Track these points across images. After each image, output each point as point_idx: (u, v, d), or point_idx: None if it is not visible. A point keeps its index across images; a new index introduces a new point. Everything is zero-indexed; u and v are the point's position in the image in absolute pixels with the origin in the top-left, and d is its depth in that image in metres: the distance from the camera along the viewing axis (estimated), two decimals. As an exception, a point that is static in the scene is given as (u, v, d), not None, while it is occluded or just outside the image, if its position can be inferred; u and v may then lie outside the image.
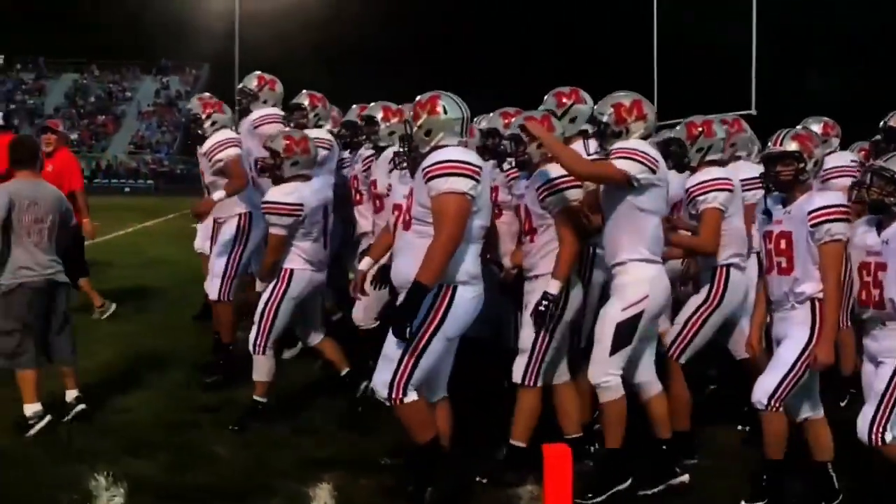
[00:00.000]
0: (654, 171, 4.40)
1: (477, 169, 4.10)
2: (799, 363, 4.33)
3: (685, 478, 4.69)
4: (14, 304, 5.38)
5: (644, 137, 4.59)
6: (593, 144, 5.13)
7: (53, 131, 8.90)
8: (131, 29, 63.30)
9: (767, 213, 4.56)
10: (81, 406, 5.68)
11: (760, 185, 5.31)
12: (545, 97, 5.35)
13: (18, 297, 5.38)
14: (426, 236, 4.10)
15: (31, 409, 5.44)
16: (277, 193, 5.60)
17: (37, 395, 5.46)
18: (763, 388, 4.38)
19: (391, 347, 4.18)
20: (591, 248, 4.95)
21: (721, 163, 5.17)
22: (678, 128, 5.23)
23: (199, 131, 6.69)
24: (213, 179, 6.63)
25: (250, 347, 5.72)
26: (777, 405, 4.36)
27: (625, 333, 4.46)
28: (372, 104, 6.37)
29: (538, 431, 4.77)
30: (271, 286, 5.68)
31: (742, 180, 5.22)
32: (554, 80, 5.66)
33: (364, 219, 6.45)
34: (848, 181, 6.08)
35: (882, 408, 4.18)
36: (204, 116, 6.69)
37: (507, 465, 4.85)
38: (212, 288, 6.67)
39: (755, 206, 5.33)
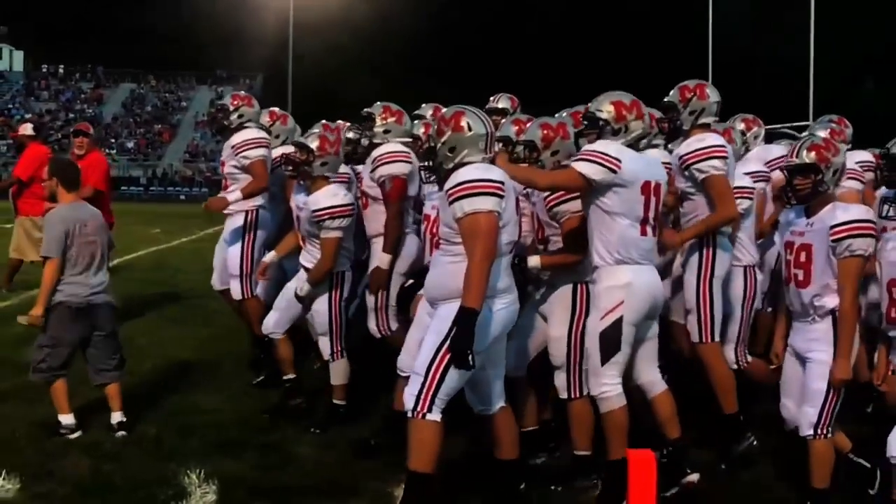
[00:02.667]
0: (613, 171, 4.33)
1: (500, 185, 4.05)
2: (833, 387, 4.29)
3: (695, 477, 4.65)
4: (51, 321, 5.38)
5: (641, 137, 4.56)
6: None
7: (85, 134, 9.08)
8: (187, 40, 64.63)
9: (788, 224, 4.55)
10: (123, 433, 5.54)
11: (748, 195, 5.33)
12: (563, 115, 5.35)
13: (58, 314, 5.39)
14: (453, 254, 4.12)
15: (65, 419, 5.45)
16: (330, 198, 5.61)
17: (68, 406, 5.46)
18: (808, 421, 4.34)
19: (420, 362, 4.15)
20: None
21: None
22: (672, 92, 5.20)
23: (225, 122, 6.75)
24: (232, 171, 6.68)
25: (328, 357, 5.83)
26: (824, 432, 4.31)
27: (610, 341, 4.42)
28: (376, 104, 6.32)
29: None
30: (327, 295, 5.75)
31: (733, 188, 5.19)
32: (607, 88, 5.69)
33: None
34: (854, 184, 5.96)
35: None
36: (231, 108, 6.75)
37: (577, 473, 4.88)
38: (234, 289, 6.72)
39: (741, 214, 5.31)
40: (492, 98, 6.97)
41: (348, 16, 53.25)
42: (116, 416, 5.59)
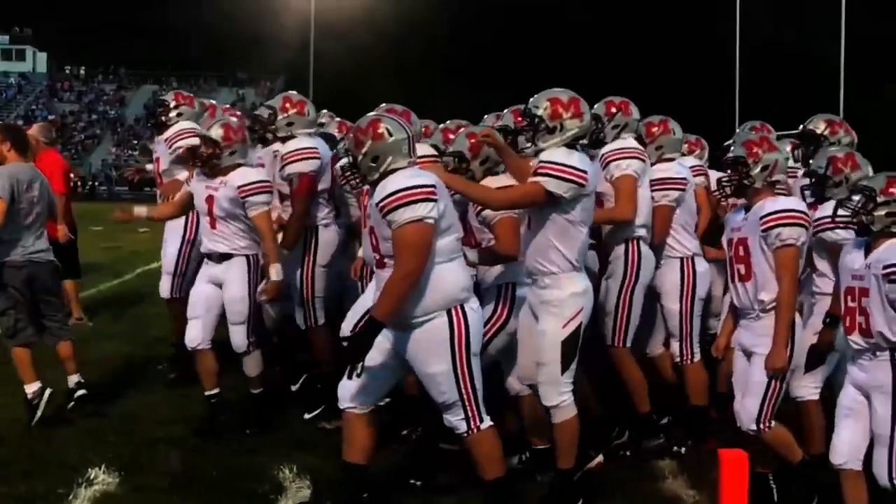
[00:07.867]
0: (582, 186, 4.24)
1: (431, 189, 3.89)
2: (773, 380, 4.32)
3: (600, 458, 4.69)
4: (10, 282, 5.55)
5: (578, 138, 4.47)
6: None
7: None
8: (208, 42, 64.92)
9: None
10: (82, 391, 5.73)
11: (677, 185, 5.35)
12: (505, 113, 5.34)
13: (14, 274, 5.56)
14: None
15: (31, 388, 5.57)
16: (254, 174, 5.58)
17: (35, 374, 5.60)
18: (748, 416, 4.38)
19: (447, 392, 4.05)
20: None
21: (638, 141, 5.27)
22: (597, 105, 5.24)
23: (164, 118, 6.76)
24: (169, 168, 6.69)
25: (243, 349, 5.68)
26: (767, 425, 4.36)
27: (570, 349, 4.40)
28: (277, 97, 6.23)
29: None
30: (246, 280, 5.58)
31: (653, 180, 5.27)
32: (633, 92, 5.72)
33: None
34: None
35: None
36: (172, 105, 6.77)
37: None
38: (163, 286, 6.66)
39: (670, 208, 5.33)
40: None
41: (370, 17, 53.44)
42: (73, 379, 5.75)
